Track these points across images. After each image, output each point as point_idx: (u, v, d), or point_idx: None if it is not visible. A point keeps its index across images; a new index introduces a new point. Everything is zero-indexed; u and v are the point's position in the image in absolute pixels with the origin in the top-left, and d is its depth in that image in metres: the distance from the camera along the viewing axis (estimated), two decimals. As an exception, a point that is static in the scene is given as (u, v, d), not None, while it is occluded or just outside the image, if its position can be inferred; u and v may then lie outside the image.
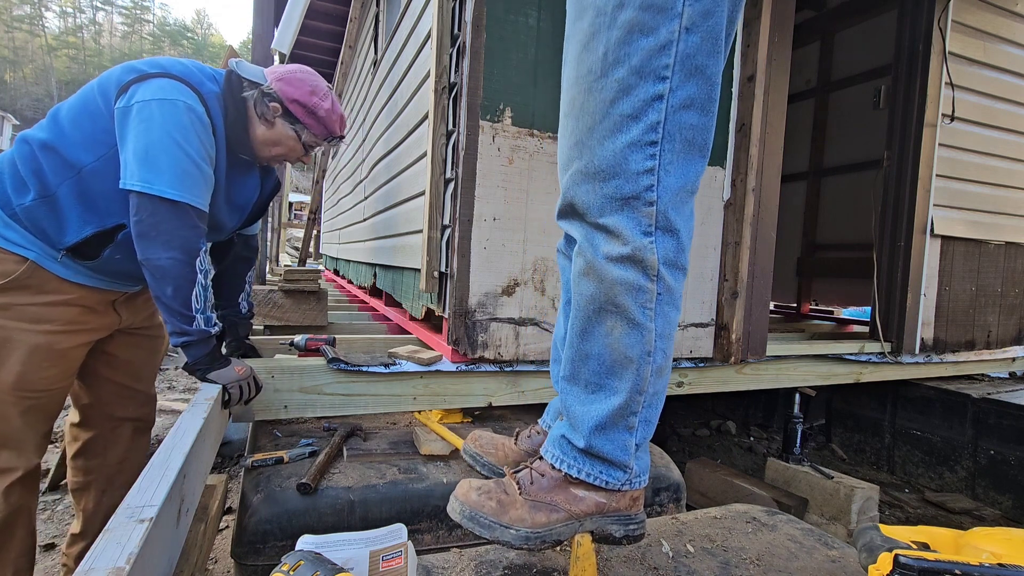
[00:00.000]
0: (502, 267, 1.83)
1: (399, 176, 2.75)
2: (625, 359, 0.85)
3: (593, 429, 0.87)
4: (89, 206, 1.31)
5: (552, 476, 0.89)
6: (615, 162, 0.82)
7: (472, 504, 0.87)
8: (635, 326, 0.84)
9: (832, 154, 4.41)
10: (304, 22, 6.29)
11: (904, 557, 0.79)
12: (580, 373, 0.89)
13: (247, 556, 1.24)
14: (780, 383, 2.58)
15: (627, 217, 0.83)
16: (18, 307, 1.28)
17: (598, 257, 0.85)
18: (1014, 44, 3.03)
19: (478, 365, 1.85)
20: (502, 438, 1.15)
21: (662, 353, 0.87)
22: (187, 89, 1.31)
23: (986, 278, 3.08)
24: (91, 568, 0.64)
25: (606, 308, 0.85)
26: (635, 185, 0.82)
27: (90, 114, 1.30)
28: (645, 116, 0.81)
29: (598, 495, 0.89)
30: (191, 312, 1.33)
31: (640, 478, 0.90)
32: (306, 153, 1.57)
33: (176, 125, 1.27)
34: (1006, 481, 2.77)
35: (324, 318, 2.80)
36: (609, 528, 0.90)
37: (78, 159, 1.28)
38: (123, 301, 1.49)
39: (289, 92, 1.46)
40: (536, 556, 1.12)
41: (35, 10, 69.47)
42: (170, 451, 1.00)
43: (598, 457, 0.87)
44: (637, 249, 0.83)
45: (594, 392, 0.87)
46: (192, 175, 1.31)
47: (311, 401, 1.68)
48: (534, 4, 1.80)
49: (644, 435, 0.89)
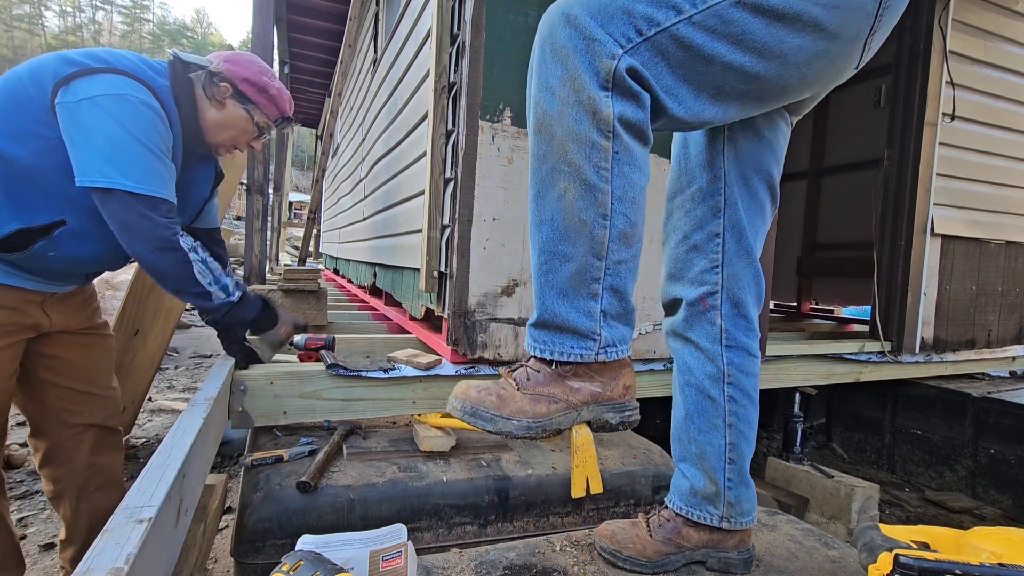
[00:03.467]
0: (502, 267, 1.83)
1: (399, 175, 2.75)
2: (579, 222, 0.81)
3: (555, 298, 0.84)
4: (15, 201, 1.23)
5: (546, 372, 0.88)
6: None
7: (473, 400, 0.86)
8: (588, 187, 0.80)
9: (832, 153, 4.41)
10: (303, 20, 6.30)
11: (904, 557, 0.79)
12: (536, 241, 0.86)
13: (247, 555, 1.24)
14: (780, 383, 2.58)
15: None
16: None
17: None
18: (1015, 43, 3.03)
19: (477, 368, 1.85)
20: (634, 530, 1.12)
21: (623, 217, 0.82)
22: (139, 84, 1.27)
23: (986, 277, 3.08)
24: (89, 569, 0.64)
25: (558, 168, 0.80)
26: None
27: (19, 103, 1.21)
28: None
29: (593, 384, 0.88)
30: (204, 288, 1.33)
31: (614, 348, 0.87)
32: (259, 135, 1.54)
33: (134, 121, 1.23)
34: (1006, 480, 2.77)
35: (324, 317, 2.80)
36: (605, 416, 0.91)
37: (6, 151, 1.20)
38: (53, 302, 1.41)
39: (238, 72, 1.44)
40: (536, 556, 1.12)
41: (35, 9, 69.44)
42: (169, 451, 1.00)
43: (562, 328, 0.85)
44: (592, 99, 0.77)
45: (549, 260, 0.84)
46: (156, 169, 1.28)
47: (310, 406, 1.68)
48: (534, 3, 1.80)
49: (612, 304, 0.85)
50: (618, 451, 1.71)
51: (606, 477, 1.57)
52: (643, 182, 0.84)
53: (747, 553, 1.09)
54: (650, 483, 1.62)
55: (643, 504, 1.61)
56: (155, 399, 3.74)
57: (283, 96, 1.53)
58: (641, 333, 2.06)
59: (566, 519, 1.52)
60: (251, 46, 3.30)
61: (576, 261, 0.82)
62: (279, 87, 1.51)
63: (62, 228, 1.28)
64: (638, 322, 2.05)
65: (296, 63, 7.53)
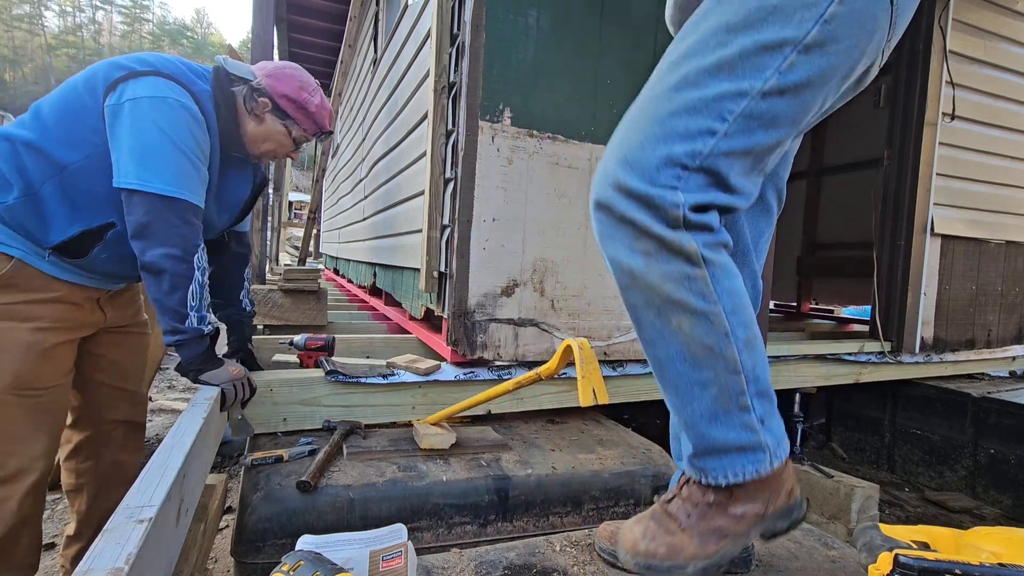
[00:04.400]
0: (501, 267, 1.83)
1: (399, 175, 2.75)
2: (705, 348, 0.84)
3: (708, 424, 0.86)
4: (74, 205, 1.29)
5: (704, 501, 0.88)
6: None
7: (643, 554, 0.89)
8: (701, 315, 0.83)
9: (832, 153, 4.41)
10: (303, 20, 6.30)
11: (904, 557, 0.79)
12: (667, 380, 0.88)
13: (247, 554, 1.24)
14: (780, 384, 2.58)
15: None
16: (7, 308, 1.27)
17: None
18: (1015, 42, 3.03)
19: (476, 373, 1.85)
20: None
21: (742, 327, 0.85)
22: (179, 87, 1.30)
23: (986, 277, 3.08)
24: (89, 569, 0.64)
25: (665, 309, 0.84)
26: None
27: (74, 111, 1.27)
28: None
29: (755, 505, 0.88)
30: (186, 310, 1.32)
31: (781, 447, 0.88)
32: (296, 148, 1.57)
33: (170, 122, 1.26)
34: (1006, 480, 2.77)
35: (324, 317, 2.80)
36: (775, 527, 0.91)
37: (63, 157, 1.26)
38: (107, 299, 1.48)
39: (278, 87, 1.46)
40: (536, 556, 1.12)
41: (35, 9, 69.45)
42: (169, 451, 1.00)
43: (727, 450, 0.86)
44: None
45: (687, 392, 0.86)
46: (187, 172, 1.30)
47: (310, 413, 1.68)
48: (534, 4, 1.80)
49: (763, 407, 0.87)
50: (618, 451, 1.71)
51: (606, 477, 1.57)
52: (740, 283, 0.88)
53: (747, 552, 1.10)
54: (650, 483, 1.62)
55: (643, 504, 1.61)
56: (155, 399, 3.74)
57: (323, 112, 1.53)
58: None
59: (566, 519, 1.52)
60: (251, 46, 3.30)
61: (716, 383, 0.85)
62: (319, 103, 1.52)
63: (112, 230, 1.33)
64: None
65: (296, 63, 7.53)
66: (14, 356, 1.26)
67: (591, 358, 0.98)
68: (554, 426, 1.92)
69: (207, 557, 1.76)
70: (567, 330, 1.93)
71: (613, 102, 1.93)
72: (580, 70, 1.88)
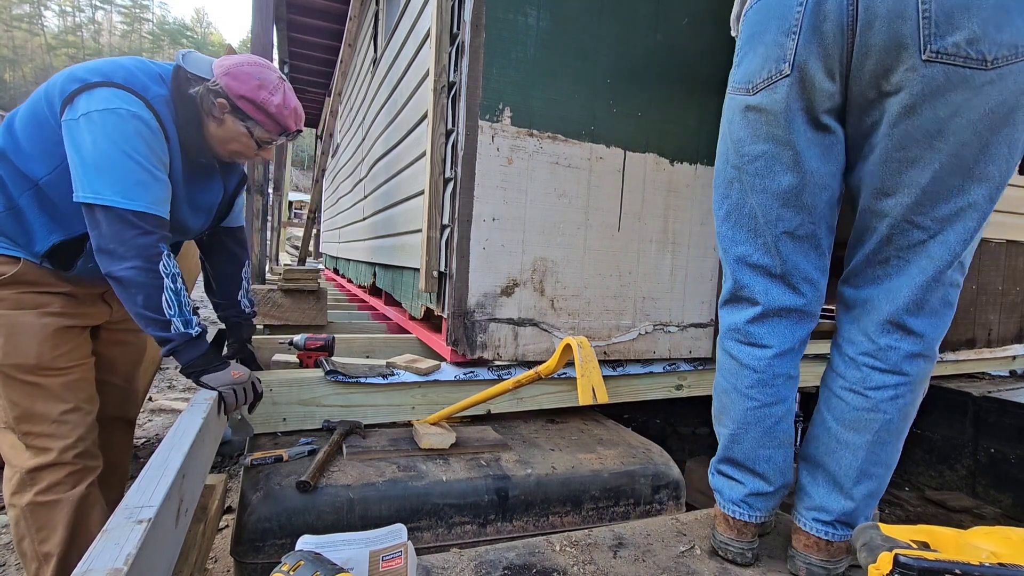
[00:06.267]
0: (501, 267, 1.83)
1: (398, 175, 2.75)
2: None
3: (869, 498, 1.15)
4: (52, 216, 1.33)
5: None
6: None
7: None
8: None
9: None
10: (303, 20, 6.30)
11: (904, 556, 0.79)
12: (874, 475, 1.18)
13: (247, 554, 1.24)
14: (780, 382, 2.57)
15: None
16: (17, 297, 1.33)
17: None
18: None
19: (476, 373, 1.85)
20: None
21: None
22: (132, 97, 1.27)
23: (987, 276, 3.07)
24: (89, 569, 0.64)
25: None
26: None
27: (39, 124, 1.29)
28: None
29: None
30: (165, 318, 1.29)
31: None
32: (261, 149, 1.51)
33: (122, 134, 1.24)
34: (1006, 479, 2.77)
35: (324, 317, 2.80)
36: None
37: (32, 171, 1.29)
38: (111, 293, 1.50)
39: (235, 87, 1.38)
40: (536, 556, 1.12)
41: (34, 9, 69.43)
42: (169, 451, 1.00)
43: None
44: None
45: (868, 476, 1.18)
46: (143, 182, 1.27)
47: (310, 413, 1.68)
48: (533, 3, 1.79)
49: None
50: (618, 451, 1.71)
51: (606, 476, 1.57)
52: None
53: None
54: (650, 482, 1.62)
55: (643, 503, 1.61)
56: (155, 399, 3.75)
57: (284, 112, 1.44)
58: (641, 333, 2.06)
59: (566, 519, 1.52)
60: (251, 46, 3.30)
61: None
62: (280, 102, 1.43)
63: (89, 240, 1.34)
64: (638, 322, 2.05)
65: (296, 63, 7.53)
66: (30, 337, 1.33)
67: (590, 357, 0.99)
68: (554, 426, 1.92)
69: (207, 557, 1.76)
70: (567, 330, 1.93)
71: (613, 102, 1.93)
72: (580, 70, 1.88)
